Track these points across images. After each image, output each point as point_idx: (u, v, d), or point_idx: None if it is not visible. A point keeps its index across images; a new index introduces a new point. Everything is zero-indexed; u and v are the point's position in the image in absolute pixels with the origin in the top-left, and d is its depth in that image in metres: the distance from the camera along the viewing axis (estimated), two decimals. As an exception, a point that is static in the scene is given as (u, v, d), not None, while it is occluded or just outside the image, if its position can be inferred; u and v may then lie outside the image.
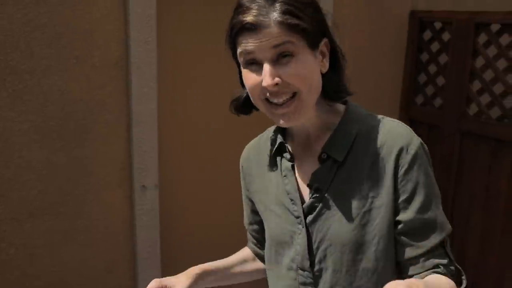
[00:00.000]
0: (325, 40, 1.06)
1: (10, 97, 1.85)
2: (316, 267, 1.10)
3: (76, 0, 1.90)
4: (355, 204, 1.06)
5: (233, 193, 2.67)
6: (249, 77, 1.02)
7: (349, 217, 1.06)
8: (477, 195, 2.65)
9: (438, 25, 2.78)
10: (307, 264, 1.11)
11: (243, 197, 1.33)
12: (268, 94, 1.00)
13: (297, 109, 1.01)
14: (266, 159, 1.21)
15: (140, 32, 2.05)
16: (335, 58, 1.09)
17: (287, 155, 1.15)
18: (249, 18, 0.98)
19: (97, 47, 1.99)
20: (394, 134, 1.06)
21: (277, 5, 0.98)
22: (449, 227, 1.08)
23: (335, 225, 1.07)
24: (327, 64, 1.07)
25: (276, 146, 1.16)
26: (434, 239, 1.05)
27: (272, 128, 1.22)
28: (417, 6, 2.87)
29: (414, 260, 1.07)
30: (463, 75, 2.63)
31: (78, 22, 1.93)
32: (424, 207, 1.05)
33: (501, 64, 2.50)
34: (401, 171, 1.04)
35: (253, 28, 0.97)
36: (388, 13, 2.78)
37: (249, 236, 1.39)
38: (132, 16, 2.01)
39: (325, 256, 1.09)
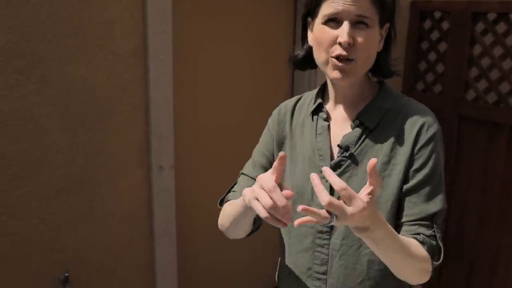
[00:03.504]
0: (387, 24, 1.21)
1: (38, 83, 1.98)
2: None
3: (98, -8, 2.04)
4: (377, 167, 1.17)
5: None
6: (326, 31, 1.15)
7: None
8: (475, 176, 2.78)
9: (437, 14, 2.89)
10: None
11: (262, 149, 1.39)
12: (335, 52, 1.13)
13: (352, 70, 1.15)
14: (302, 117, 1.33)
15: (157, 23, 2.18)
16: (389, 42, 1.25)
17: (323, 115, 1.28)
18: None
19: (118, 37, 2.12)
20: (419, 113, 1.20)
21: None
22: (443, 204, 1.19)
23: (356, 183, 1.18)
24: (381, 45, 1.21)
25: (315, 106, 1.29)
26: (426, 210, 1.17)
27: (310, 92, 1.36)
28: (418, -3, 3.00)
29: (403, 223, 1.18)
30: (461, 62, 2.75)
31: (100, 14, 2.06)
32: (427, 180, 1.17)
33: (498, 51, 2.62)
34: (418, 145, 1.18)
35: None
36: (389, 4, 2.90)
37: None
38: (150, 9, 2.14)
39: None
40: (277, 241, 1.41)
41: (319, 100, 1.30)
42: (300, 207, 0.91)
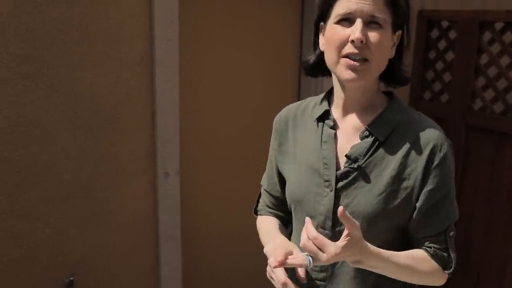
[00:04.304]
0: (399, 32, 1.19)
1: (47, 89, 2.02)
2: (337, 228, 1.21)
3: (105, 1, 2.08)
4: (385, 181, 1.17)
5: (250, 179, 2.83)
6: (338, 31, 1.14)
7: (376, 191, 1.17)
8: (481, 186, 2.77)
9: (445, 24, 2.90)
10: (329, 224, 1.21)
11: (270, 158, 1.42)
12: (347, 51, 1.12)
13: (365, 70, 1.13)
14: (305, 123, 1.31)
15: (163, 30, 2.21)
16: (401, 50, 1.23)
17: (329, 122, 1.25)
18: None
19: (125, 44, 2.15)
20: (431, 131, 1.19)
21: None
22: (456, 215, 1.22)
23: (362, 195, 1.18)
24: (393, 52, 1.20)
25: (322, 112, 1.27)
26: (442, 226, 1.20)
27: (314, 97, 1.35)
28: (425, 6, 3.00)
29: (418, 238, 1.21)
30: (468, 72, 2.75)
31: (108, 21, 2.09)
32: (445, 198, 1.19)
33: (505, 61, 2.62)
34: (433, 164, 1.16)
35: None
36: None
37: (269, 202, 1.45)
38: (156, 16, 2.17)
39: None
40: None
41: (326, 107, 1.28)
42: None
